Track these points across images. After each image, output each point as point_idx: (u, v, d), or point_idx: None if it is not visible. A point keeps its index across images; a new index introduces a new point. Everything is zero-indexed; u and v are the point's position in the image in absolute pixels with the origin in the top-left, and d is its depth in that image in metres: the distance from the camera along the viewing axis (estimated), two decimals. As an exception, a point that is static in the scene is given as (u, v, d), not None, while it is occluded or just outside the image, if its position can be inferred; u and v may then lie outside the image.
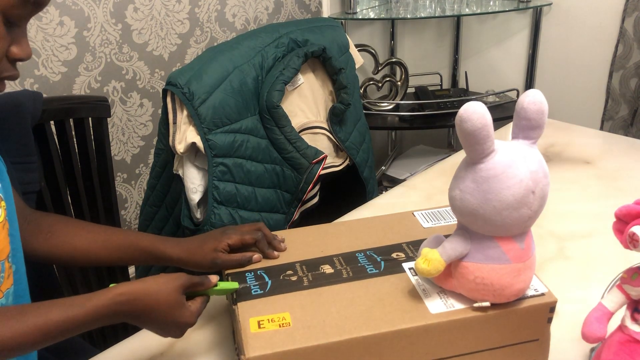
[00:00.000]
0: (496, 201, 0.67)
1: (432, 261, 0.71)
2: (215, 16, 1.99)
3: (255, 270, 0.84)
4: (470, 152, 0.67)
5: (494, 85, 2.45)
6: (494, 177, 0.66)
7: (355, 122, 1.53)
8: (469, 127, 0.64)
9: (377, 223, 0.96)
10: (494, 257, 0.71)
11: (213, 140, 1.20)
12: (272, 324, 0.72)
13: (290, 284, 0.81)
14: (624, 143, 1.52)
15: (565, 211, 1.20)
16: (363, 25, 2.52)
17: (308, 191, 1.34)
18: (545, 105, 0.69)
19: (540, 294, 0.76)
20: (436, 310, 0.74)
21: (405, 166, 2.41)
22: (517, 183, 0.66)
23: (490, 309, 0.73)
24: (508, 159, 0.67)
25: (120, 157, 1.88)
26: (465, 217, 0.71)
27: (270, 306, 0.76)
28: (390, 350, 0.72)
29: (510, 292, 0.72)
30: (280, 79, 1.29)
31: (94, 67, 1.73)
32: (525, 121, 0.69)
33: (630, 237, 0.65)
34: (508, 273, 0.71)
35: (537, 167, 0.68)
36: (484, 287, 0.72)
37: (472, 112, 0.64)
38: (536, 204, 0.69)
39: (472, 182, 0.68)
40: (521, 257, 0.72)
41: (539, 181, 0.68)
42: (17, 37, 0.69)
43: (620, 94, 2.15)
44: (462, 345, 0.75)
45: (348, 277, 0.81)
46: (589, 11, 2.18)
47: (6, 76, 0.70)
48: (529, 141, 0.70)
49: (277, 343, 0.69)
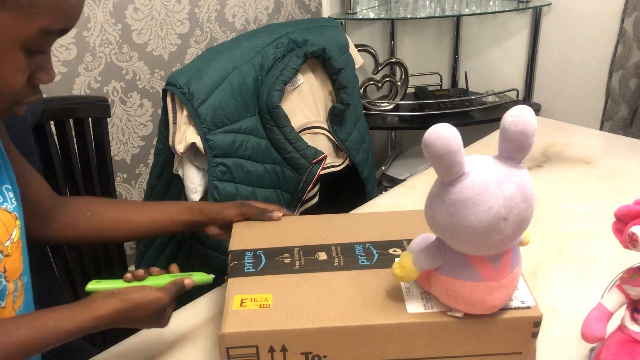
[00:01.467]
0: (462, 225, 0.64)
1: (405, 269, 0.70)
2: (215, 16, 1.99)
3: (255, 250, 0.86)
4: (439, 174, 0.64)
5: (493, 85, 2.45)
6: (461, 202, 0.63)
7: (355, 122, 1.53)
8: (432, 153, 0.61)
9: (386, 218, 0.97)
10: (465, 274, 0.69)
11: (213, 140, 1.20)
12: (253, 303, 0.74)
13: (282, 266, 0.82)
14: (624, 143, 1.52)
15: (565, 211, 1.20)
16: (363, 26, 2.52)
17: (308, 191, 1.34)
18: (530, 125, 0.63)
19: (525, 307, 0.73)
20: (413, 310, 0.73)
21: (405, 166, 2.41)
22: (485, 210, 0.62)
23: (469, 316, 0.72)
24: (478, 185, 0.63)
25: (120, 157, 1.88)
26: (438, 233, 0.69)
27: (257, 285, 0.78)
28: (362, 344, 0.72)
29: (483, 307, 0.70)
30: (280, 79, 1.29)
31: (94, 67, 1.73)
32: (507, 143, 0.64)
33: (629, 237, 0.65)
34: (480, 291, 0.69)
35: (513, 193, 0.64)
36: (456, 300, 0.71)
37: (435, 138, 0.60)
38: (510, 229, 0.65)
39: (442, 203, 0.65)
40: (495, 276, 0.69)
41: (514, 207, 0.64)
42: (41, 62, 0.67)
43: (620, 94, 2.15)
44: (440, 348, 0.74)
45: (339, 266, 0.82)
46: (588, 11, 2.18)
47: (29, 100, 0.69)
48: (512, 161, 0.65)
49: (253, 323, 0.71)
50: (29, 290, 0.82)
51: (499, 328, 0.73)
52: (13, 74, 0.64)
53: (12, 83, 0.65)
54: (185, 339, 0.90)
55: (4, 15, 0.61)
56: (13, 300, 0.77)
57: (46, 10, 0.62)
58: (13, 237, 0.76)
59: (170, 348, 0.88)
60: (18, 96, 0.67)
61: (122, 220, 0.96)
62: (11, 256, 0.75)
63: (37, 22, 0.62)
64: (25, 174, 0.86)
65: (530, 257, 0.77)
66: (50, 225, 0.92)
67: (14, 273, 0.76)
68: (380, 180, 2.38)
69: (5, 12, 0.61)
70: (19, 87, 0.66)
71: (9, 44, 0.62)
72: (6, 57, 0.63)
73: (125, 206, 0.99)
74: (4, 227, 0.75)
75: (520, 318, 0.72)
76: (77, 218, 0.94)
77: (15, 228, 0.77)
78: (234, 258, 0.84)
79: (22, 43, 0.63)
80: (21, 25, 0.62)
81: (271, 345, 0.71)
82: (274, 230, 0.92)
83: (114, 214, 0.96)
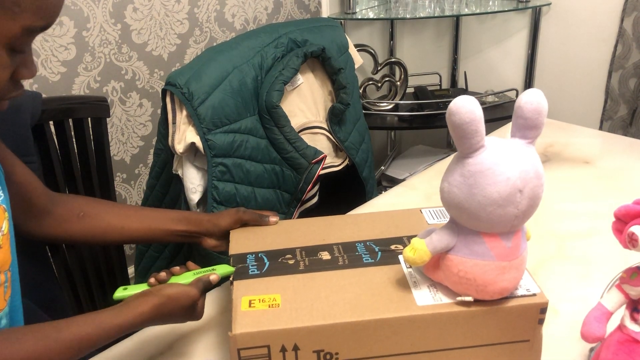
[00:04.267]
0: (481, 196, 0.67)
1: (418, 250, 0.72)
2: (215, 16, 1.99)
3: (256, 253, 0.86)
4: (459, 146, 0.68)
5: (493, 85, 2.45)
6: (480, 172, 0.66)
7: (354, 122, 1.53)
8: (457, 121, 0.64)
9: (383, 217, 0.97)
10: (478, 252, 0.71)
11: (212, 140, 1.20)
12: (262, 303, 0.74)
13: (286, 267, 0.82)
14: (623, 143, 1.52)
15: (564, 211, 1.20)
16: (362, 25, 2.52)
17: (307, 191, 1.34)
18: (543, 105, 0.68)
19: (531, 294, 0.75)
20: (423, 303, 0.74)
21: (405, 166, 2.41)
22: (503, 180, 0.66)
23: (478, 305, 0.73)
24: (497, 156, 0.67)
25: (119, 157, 1.88)
26: (452, 209, 0.71)
27: (264, 287, 0.78)
28: (374, 339, 0.73)
29: (494, 290, 0.72)
30: (279, 79, 1.29)
31: (93, 67, 1.73)
32: (522, 120, 0.69)
33: (629, 236, 0.65)
34: (491, 270, 0.71)
35: (528, 167, 0.68)
36: (467, 282, 0.72)
37: (461, 106, 0.64)
38: (524, 203, 0.68)
39: (460, 176, 0.68)
40: (507, 255, 0.71)
41: (529, 181, 0.68)
42: (23, 58, 0.68)
43: (620, 93, 2.15)
44: (450, 339, 0.75)
45: (343, 264, 0.82)
46: (588, 11, 2.18)
47: (12, 96, 0.70)
48: (525, 140, 0.69)
49: (264, 322, 0.71)
50: (15, 281, 0.83)
51: (506, 316, 0.74)
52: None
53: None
54: (185, 338, 0.90)
55: None
56: (4, 291, 0.78)
57: (29, 9, 0.63)
58: (3, 230, 0.77)
59: (170, 348, 0.88)
60: (1, 93, 0.67)
61: (116, 226, 0.95)
62: (2, 248, 0.76)
63: (20, 21, 0.63)
64: (16, 170, 0.87)
65: (530, 256, 0.77)
66: (42, 223, 0.92)
67: (4, 265, 0.77)
68: (379, 180, 2.38)
69: None
70: (2, 84, 0.66)
71: None
72: None
73: (121, 211, 0.97)
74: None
75: (527, 305, 0.74)
76: (69, 218, 0.93)
77: (5, 220, 0.78)
78: (236, 262, 0.84)
79: (5, 42, 0.64)
80: (5, 24, 0.62)
81: (283, 345, 0.71)
82: (273, 234, 0.92)
83: (108, 218, 0.95)
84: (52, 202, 0.92)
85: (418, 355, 0.75)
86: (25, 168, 0.89)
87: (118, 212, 0.96)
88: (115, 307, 0.75)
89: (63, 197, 0.97)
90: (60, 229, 0.93)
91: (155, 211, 0.99)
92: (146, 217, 0.97)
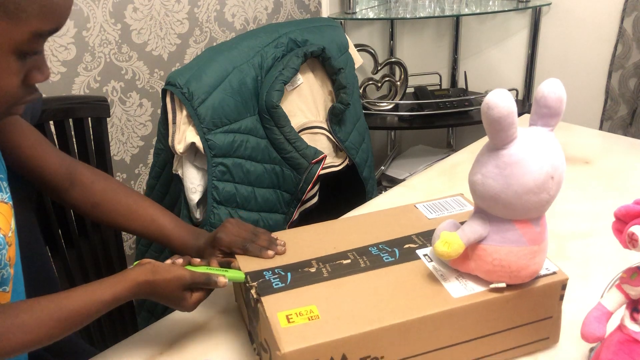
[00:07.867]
0: (518, 186, 0.69)
1: (452, 244, 0.73)
2: (215, 16, 1.99)
3: (272, 269, 0.84)
4: (494, 139, 0.70)
5: (493, 85, 2.45)
6: (516, 163, 0.69)
7: (354, 122, 1.53)
8: (496, 114, 0.67)
9: (381, 217, 0.97)
10: (512, 239, 0.73)
11: (212, 140, 1.20)
12: (300, 317, 0.73)
13: (310, 275, 0.81)
14: (623, 143, 1.52)
15: (564, 211, 1.20)
16: (362, 25, 2.52)
17: (307, 191, 1.34)
18: (564, 93, 0.72)
19: (552, 273, 0.79)
20: (458, 295, 0.76)
21: (405, 166, 2.41)
22: (539, 169, 0.69)
23: (508, 290, 0.76)
24: (530, 146, 0.70)
25: (119, 157, 1.88)
26: (487, 201, 0.73)
27: (294, 299, 0.76)
28: (417, 337, 0.73)
29: (526, 274, 0.75)
30: (279, 79, 1.29)
31: (93, 67, 1.73)
32: (546, 109, 0.72)
33: (629, 236, 0.65)
34: (525, 255, 0.74)
35: (556, 154, 0.71)
36: (501, 269, 0.74)
37: (499, 100, 0.66)
38: (554, 188, 0.72)
39: (495, 168, 0.70)
40: (537, 239, 0.74)
41: (558, 167, 0.71)
42: (35, 62, 0.68)
43: (620, 93, 2.15)
44: (484, 327, 0.77)
45: (366, 266, 0.82)
46: (588, 11, 2.18)
47: (27, 100, 0.70)
48: (547, 128, 0.73)
49: (310, 336, 0.70)
50: (18, 273, 0.84)
51: (534, 296, 0.77)
52: (7, 78, 0.65)
53: (7, 87, 0.65)
54: (185, 338, 0.90)
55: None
56: (14, 284, 0.80)
57: (35, 14, 0.62)
58: (12, 227, 0.78)
59: (170, 348, 0.88)
60: (14, 98, 0.67)
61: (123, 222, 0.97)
62: (12, 245, 0.78)
63: (27, 26, 0.62)
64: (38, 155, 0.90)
65: (530, 256, 0.77)
66: (64, 200, 0.96)
67: (13, 260, 0.79)
68: (379, 180, 2.38)
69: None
70: (14, 90, 0.66)
71: (1, 51, 0.63)
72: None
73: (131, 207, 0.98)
74: (4, 219, 0.76)
75: (551, 283, 0.78)
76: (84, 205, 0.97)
77: (12, 218, 0.79)
78: (253, 278, 0.81)
79: (14, 48, 0.63)
80: (12, 31, 0.62)
81: (332, 357, 0.70)
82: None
83: (121, 209, 0.97)
84: (69, 179, 0.94)
85: (455, 347, 0.76)
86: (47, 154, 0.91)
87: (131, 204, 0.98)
88: (109, 279, 0.78)
89: (83, 175, 0.96)
90: (68, 204, 0.96)
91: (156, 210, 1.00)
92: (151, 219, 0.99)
